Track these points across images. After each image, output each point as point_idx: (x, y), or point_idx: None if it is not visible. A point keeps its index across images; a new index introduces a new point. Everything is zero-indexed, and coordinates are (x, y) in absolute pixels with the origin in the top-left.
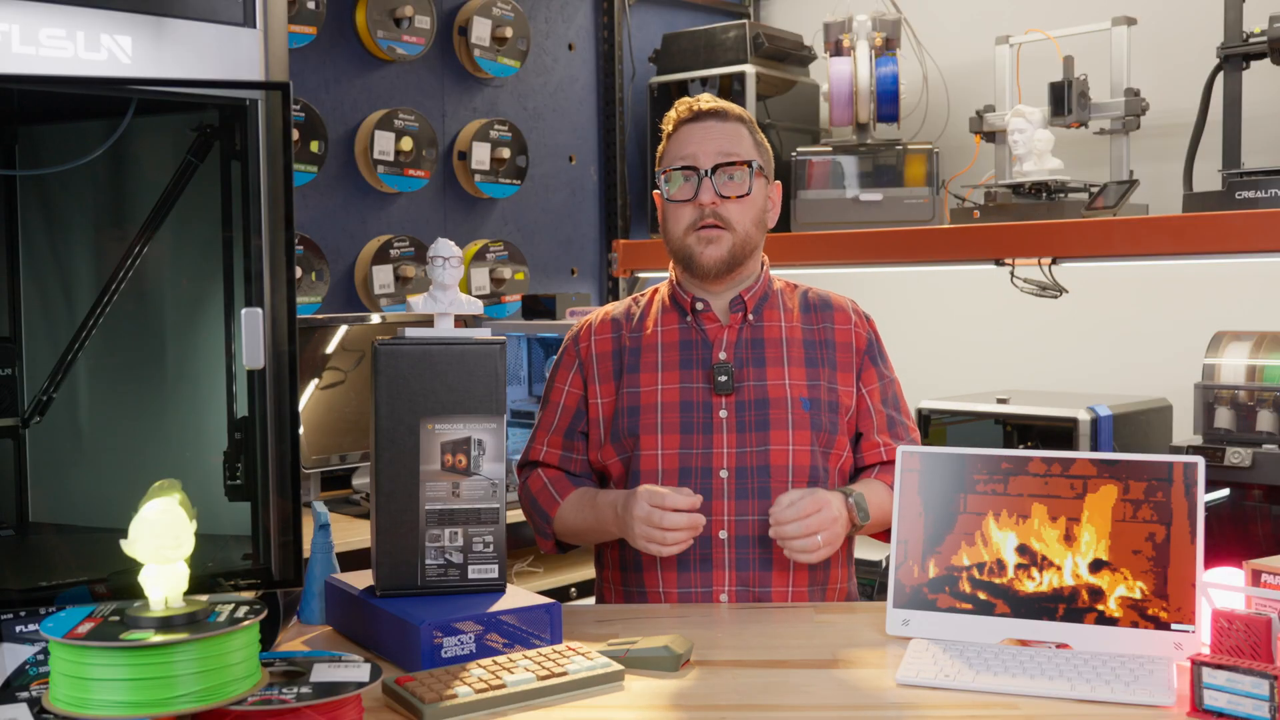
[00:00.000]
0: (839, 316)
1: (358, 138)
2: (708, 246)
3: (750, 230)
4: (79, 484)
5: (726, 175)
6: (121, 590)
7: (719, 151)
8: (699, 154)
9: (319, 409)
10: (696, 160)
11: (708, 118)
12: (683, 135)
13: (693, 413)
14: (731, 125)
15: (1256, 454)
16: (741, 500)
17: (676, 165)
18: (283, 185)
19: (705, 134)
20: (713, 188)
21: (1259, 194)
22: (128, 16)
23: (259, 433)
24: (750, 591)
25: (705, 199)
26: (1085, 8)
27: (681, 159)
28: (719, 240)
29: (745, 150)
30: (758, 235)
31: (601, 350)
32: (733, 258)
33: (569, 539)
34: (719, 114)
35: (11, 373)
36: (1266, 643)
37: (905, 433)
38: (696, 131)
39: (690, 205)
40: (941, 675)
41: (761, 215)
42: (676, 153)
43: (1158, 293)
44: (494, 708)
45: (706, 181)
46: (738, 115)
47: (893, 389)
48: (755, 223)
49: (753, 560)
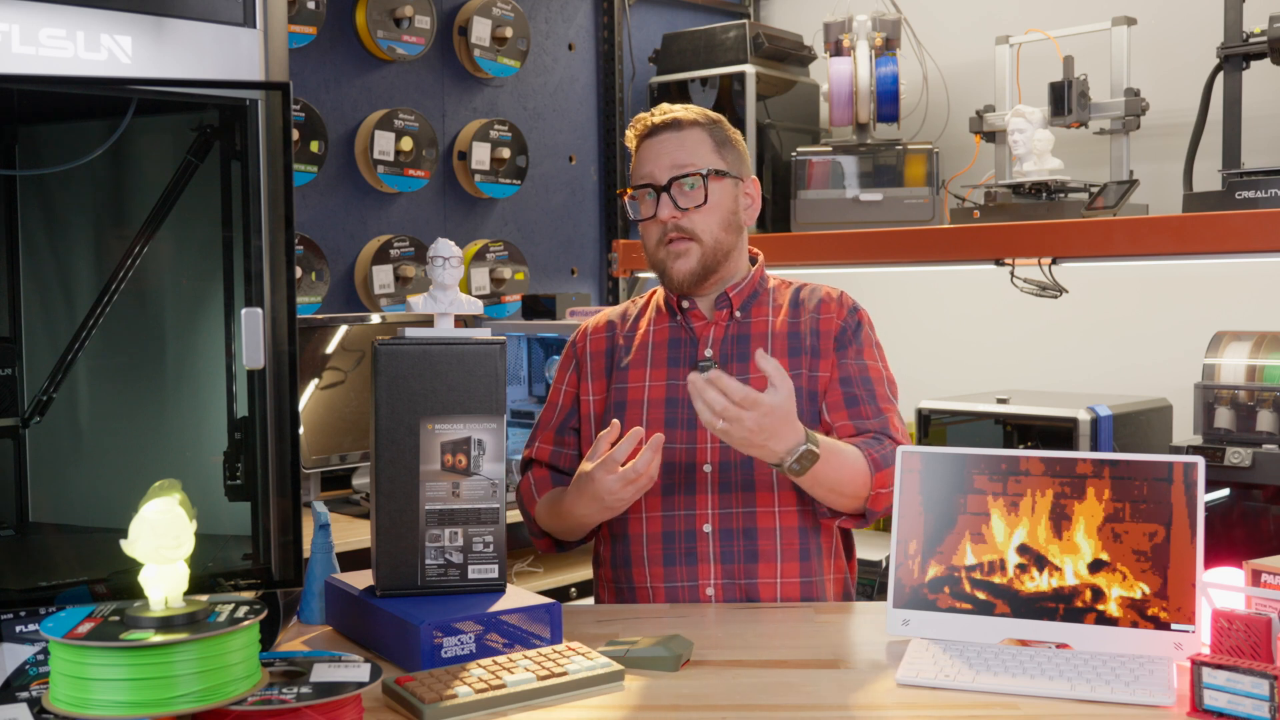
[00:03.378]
0: (824, 307)
1: (358, 138)
2: (677, 260)
3: (719, 235)
4: (79, 484)
5: (682, 188)
6: (121, 590)
7: (673, 165)
8: (654, 171)
9: (319, 409)
10: (653, 177)
11: (661, 131)
12: (641, 153)
13: (677, 409)
14: (688, 133)
15: (1256, 454)
16: (725, 494)
17: (637, 184)
18: (283, 185)
19: (660, 149)
20: (671, 202)
21: (1259, 194)
22: (128, 16)
23: (259, 433)
24: (737, 585)
25: (664, 215)
26: (1085, 8)
27: (641, 178)
28: (687, 253)
29: (701, 158)
30: (730, 239)
31: (596, 349)
32: (703, 268)
33: (562, 535)
34: (673, 125)
35: (11, 373)
36: (1266, 643)
37: (874, 413)
38: (652, 148)
39: (654, 222)
40: (941, 675)
41: (731, 217)
42: (637, 172)
43: (1158, 293)
44: (494, 708)
45: (664, 197)
46: (694, 120)
47: (863, 371)
48: (724, 227)
49: (738, 554)
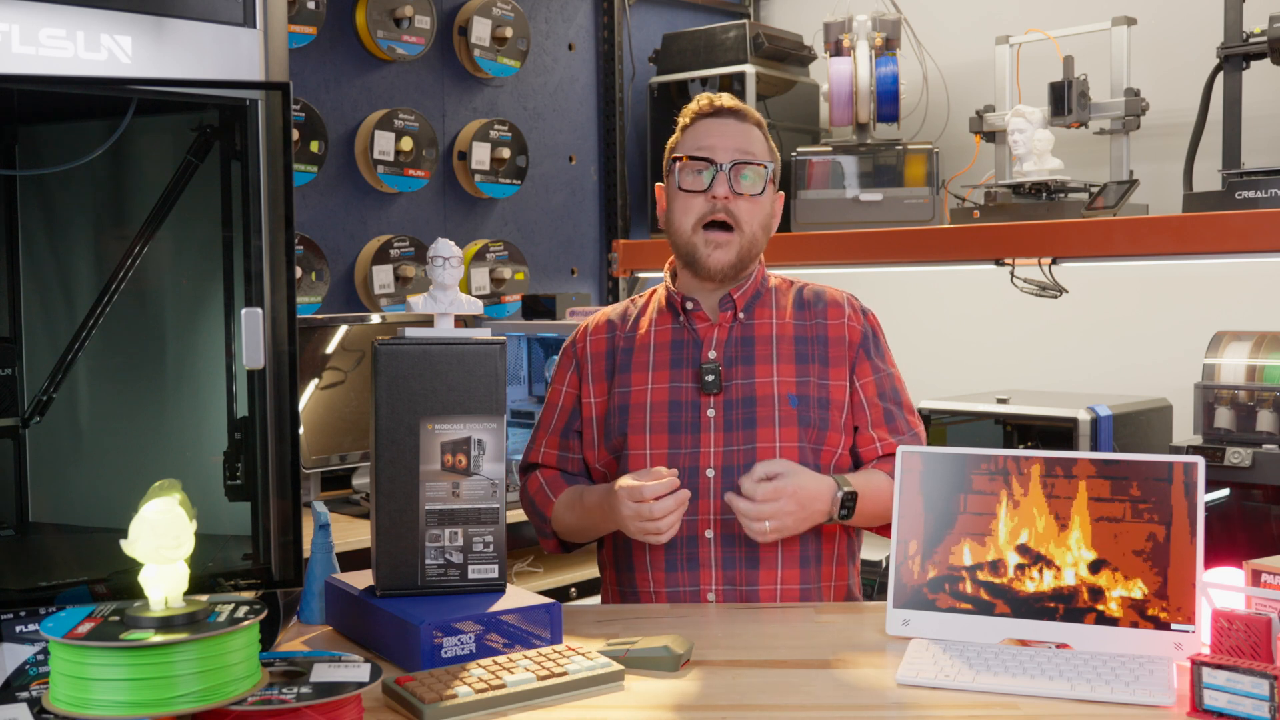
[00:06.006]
0: (832, 311)
1: (358, 138)
2: (715, 250)
3: (757, 233)
4: (79, 484)
5: (742, 173)
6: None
7: (737, 149)
8: (717, 147)
9: (319, 409)
10: (714, 153)
11: (727, 115)
12: (700, 128)
13: (681, 412)
14: (749, 127)
15: (1256, 454)
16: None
17: (692, 155)
18: (283, 185)
19: (724, 130)
20: (728, 182)
21: (1259, 194)
22: (128, 16)
23: (259, 433)
24: (738, 590)
25: (720, 192)
26: (1085, 8)
27: (698, 149)
28: (727, 245)
29: (761, 153)
30: (763, 239)
31: (596, 350)
32: (739, 261)
33: (570, 537)
34: (738, 114)
35: (11, 373)
36: (1266, 643)
37: (906, 426)
38: (715, 126)
39: (702, 197)
40: (941, 675)
41: (769, 220)
42: (693, 144)
43: (1158, 293)
44: (494, 708)
45: (722, 175)
46: (756, 119)
47: (891, 382)
48: (763, 226)
49: (739, 559)
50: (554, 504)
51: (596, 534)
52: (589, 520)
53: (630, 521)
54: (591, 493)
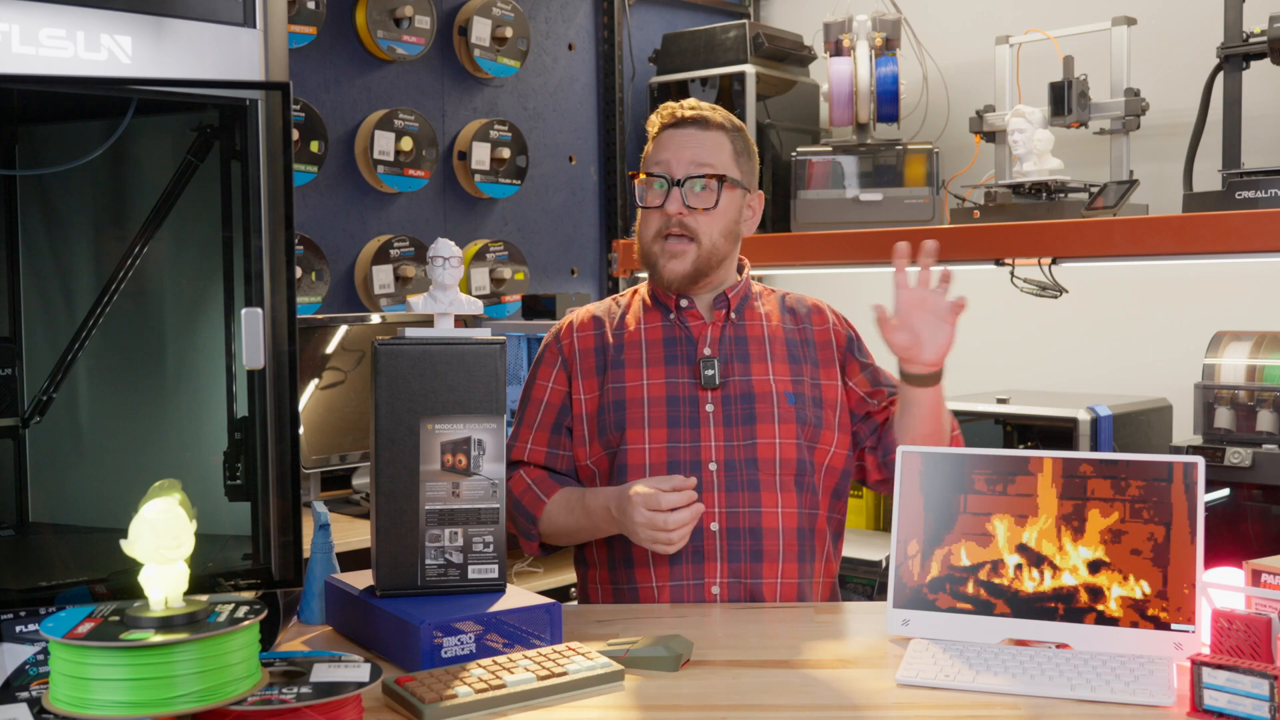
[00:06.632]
0: (816, 317)
1: (358, 138)
2: (671, 260)
3: (718, 241)
4: (79, 484)
5: (695, 186)
6: (121, 590)
7: (692, 161)
8: (672, 161)
9: (319, 409)
10: (669, 168)
11: (688, 125)
12: (661, 140)
13: (679, 407)
14: (712, 134)
15: (1256, 454)
16: (731, 493)
17: (649, 171)
18: (283, 185)
19: (682, 142)
20: (680, 198)
21: (1259, 194)
22: (128, 16)
23: (259, 433)
24: (742, 584)
25: (671, 209)
26: (1085, 8)
27: (655, 164)
28: (683, 255)
29: (721, 161)
30: (726, 246)
31: (584, 347)
32: (696, 270)
33: (555, 540)
34: (700, 121)
35: (11, 373)
36: (1266, 643)
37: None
38: (674, 139)
39: (658, 212)
40: (941, 675)
41: (732, 226)
42: (652, 158)
43: (1158, 293)
44: (494, 708)
45: (675, 191)
46: (720, 123)
47: (878, 370)
48: (724, 234)
49: (743, 552)
50: (545, 505)
51: (593, 537)
52: (589, 523)
53: (642, 529)
54: (595, 495)
